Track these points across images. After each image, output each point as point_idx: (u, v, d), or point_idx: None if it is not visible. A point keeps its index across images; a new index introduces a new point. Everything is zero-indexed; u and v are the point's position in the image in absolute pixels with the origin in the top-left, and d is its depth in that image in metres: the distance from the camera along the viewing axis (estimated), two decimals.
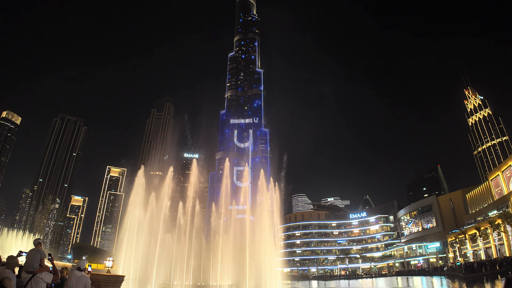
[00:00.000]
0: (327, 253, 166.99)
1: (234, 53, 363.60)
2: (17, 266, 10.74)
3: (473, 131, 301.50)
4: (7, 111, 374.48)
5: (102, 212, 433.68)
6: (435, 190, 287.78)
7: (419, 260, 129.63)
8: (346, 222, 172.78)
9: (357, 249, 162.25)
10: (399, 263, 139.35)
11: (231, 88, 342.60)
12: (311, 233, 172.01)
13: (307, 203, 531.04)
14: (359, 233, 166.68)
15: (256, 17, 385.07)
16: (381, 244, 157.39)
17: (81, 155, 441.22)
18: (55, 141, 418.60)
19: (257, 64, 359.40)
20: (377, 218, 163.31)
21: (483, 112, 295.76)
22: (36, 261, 9.88)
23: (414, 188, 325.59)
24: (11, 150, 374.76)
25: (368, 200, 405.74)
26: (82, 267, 12.98)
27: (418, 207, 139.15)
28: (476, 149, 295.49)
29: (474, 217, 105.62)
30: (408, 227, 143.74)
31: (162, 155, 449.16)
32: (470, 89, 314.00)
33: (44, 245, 14.86)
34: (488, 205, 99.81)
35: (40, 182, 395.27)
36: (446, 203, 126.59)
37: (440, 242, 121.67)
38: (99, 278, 21.60)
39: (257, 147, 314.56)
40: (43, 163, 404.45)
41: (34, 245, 10.89)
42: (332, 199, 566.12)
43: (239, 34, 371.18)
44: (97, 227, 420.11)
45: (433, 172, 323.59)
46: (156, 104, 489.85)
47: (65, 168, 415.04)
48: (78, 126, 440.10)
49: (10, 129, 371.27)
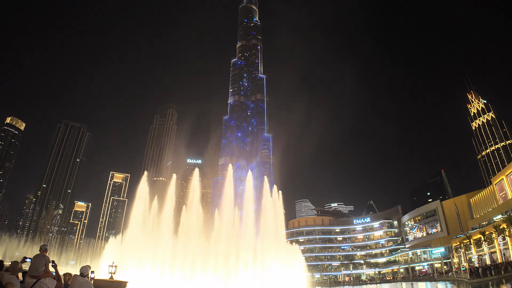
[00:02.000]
0: (331, 259, 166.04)
1: (236, 59, 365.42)
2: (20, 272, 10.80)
3: (476, 135, 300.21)
4: (11, 117, 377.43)
5: (105, 217, 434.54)
6: (439, 195, 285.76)
7: (423, 266, 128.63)
8: (350, 227, 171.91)
9: (361, 255, 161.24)
10: (403, 268, 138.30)
11: (234, 94, 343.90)
12: (315, 239, 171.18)
13: (310, 209, 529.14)
14: (363, 238, 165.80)
15: (258, 23, 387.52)
16: (385, 249, 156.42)
17: (85, 161, 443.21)
18: (58, 147, 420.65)
19: (259, 69, 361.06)
20: (381, 223, 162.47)
21: (487, 116, 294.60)
22: (41, 266, 9.91)
23: (418, 193, 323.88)
24: (15, 156, 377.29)
25: (372, 205, 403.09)
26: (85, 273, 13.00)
27: (422, 212, 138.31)
28: (480, 153, 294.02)
29: (479, 221, 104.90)
30: (412, 232, 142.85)
31: (165, 160, 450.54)
32: (473, 93, 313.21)
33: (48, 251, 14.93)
34: (493, 209, 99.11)
35: (43, 187, 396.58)
36: (450, 208, 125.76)
37: (444, 247, 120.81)
38: (102, 284, 21.67)
39: (260, 153, 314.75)
40: (47, 169, 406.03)
41: (40, 251, 10.96)
42: (336, 205, 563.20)
43: (242, 40, 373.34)
44: (100, 233, 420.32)
45: (437, 176, 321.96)
46: (160, 110, 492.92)
47: (69, 174, 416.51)
48: (81, 132, 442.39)
49: (14, 135, 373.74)
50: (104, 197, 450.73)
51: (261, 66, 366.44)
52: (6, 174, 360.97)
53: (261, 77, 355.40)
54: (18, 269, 10.27)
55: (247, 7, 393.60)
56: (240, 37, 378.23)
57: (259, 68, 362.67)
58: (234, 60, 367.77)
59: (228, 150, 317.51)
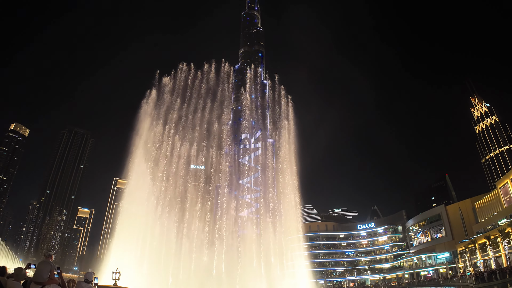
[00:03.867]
0: (335, 265, 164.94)
1: (239, 65, 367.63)
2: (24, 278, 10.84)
3: (480, 139, 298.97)
4: (15, 123, 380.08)
5: (109, 224, 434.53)
6: (443, 199, 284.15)
7: (428, 271, 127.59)
8: (354, 233, 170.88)
9: (366, 261, 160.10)
10: (408, 274, 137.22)
11: (237, 100, 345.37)
12: (319, 245, 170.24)
13: (314, 214, 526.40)
14: (368, 244, 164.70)
15: (261, 29, 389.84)
16: (390, 255, 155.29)
17: (88, 167, 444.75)
18: (62, 153, 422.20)
19: (262, 76, 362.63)
20: (385, 228, 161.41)
21: (490, 119, 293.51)
22: (46, 272, 9.97)
23: (423, 197, 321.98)
24: (19, 162, 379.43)
25: (376, 210, 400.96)
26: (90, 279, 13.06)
27: (427, 217, 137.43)
28: (484, 157, 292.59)
29: (484, 226, 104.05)
30: (417, 238, 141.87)
31: None
32: (476, 96, 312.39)
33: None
34: (498, 213, 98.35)
35: (47, 193, 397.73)
36: (455, 212, 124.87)
37: (449, 252, 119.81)
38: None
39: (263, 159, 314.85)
40: (51, 175, 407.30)
41: (45, 257, 10.99)
42: (340, 210, 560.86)
43: (244, 47, 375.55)
44: (104, 239, 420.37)
45: (441, 181, 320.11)
46: None
47: (72, 180, 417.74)
48: (85, 138, 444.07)
49: (18, 141, 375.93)
50: (108, 203, 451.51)
51: (264, 72, 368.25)
52: (10, 180, 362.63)
53: (264, 83, 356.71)
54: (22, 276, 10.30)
55: (250, 14, 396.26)
56: (242, 44, 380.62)
57: (262, 74, 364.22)
58: (236, 66, 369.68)
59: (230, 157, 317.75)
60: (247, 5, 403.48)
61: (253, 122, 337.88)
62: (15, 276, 10.17)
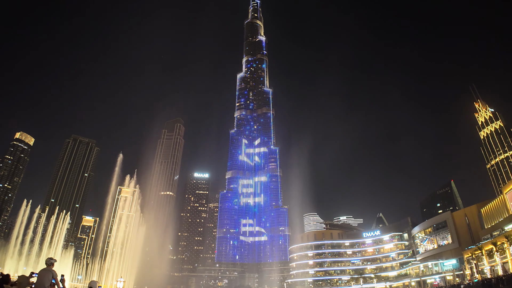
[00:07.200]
0: (341, 273, 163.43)
1: (243, 74, 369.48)
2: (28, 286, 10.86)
3: (485, 144, 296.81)
4: (20, 132, 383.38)
5: (113, 232, 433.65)
6: (449, 205, 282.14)
7: (435, 278, 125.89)
8: (360, 241, 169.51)
9: (372, 269, 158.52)
10: (415, 282, 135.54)
11: (240, 108, 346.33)
12: (324, 253, 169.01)
13: (319, 222, 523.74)
14: (373, 252, 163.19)
15: (263, 38, 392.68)
16: (396, 263, 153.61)
17: (93, 176, 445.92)
18: (67, 162, 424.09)
19: (265, 84, 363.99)
20: (391, 236, 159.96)
21: (495, 124, 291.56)
22: (47, 281, 10.00)
23: (428, 204, 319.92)
24: (24, 171, 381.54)
25: (382, 218, 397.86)
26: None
27: (433, 224, 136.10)
28: (489, 162, 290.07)
29: (490, 232, 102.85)
30: (423, 245, 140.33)
31: (173, 175, 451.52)
32: (480, 101, 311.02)
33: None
34: (504, 219, 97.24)
35: (52, 202, 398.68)
36: (461, 219, 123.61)
37: (456, 259, 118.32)
38: None
39: (267, 166, 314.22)
40: (55, 183, 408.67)
41: (46, 265, 10.98)
42: (345, 218, 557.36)
43: (248, 55, 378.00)
44: (108, 248, 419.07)
45: (447, 187, 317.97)
46: (167, 125, 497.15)
47: (77, 189, 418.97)
48: (90, 147, 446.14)
49: (23, 150, 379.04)
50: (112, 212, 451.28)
51: (267, 80, 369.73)
52: (15, 188, 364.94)
53: (267, 91, 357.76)
54: (26, 284, 10.32)
55: (252, 23, 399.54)
56: (245, 52, 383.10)
57: (265, 82, 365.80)
58: (240, 74, 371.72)
59: (235, 163, 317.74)
60: (249, 14, 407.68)
61: (256, 130, 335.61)
62: (18, 284, 10.21)
